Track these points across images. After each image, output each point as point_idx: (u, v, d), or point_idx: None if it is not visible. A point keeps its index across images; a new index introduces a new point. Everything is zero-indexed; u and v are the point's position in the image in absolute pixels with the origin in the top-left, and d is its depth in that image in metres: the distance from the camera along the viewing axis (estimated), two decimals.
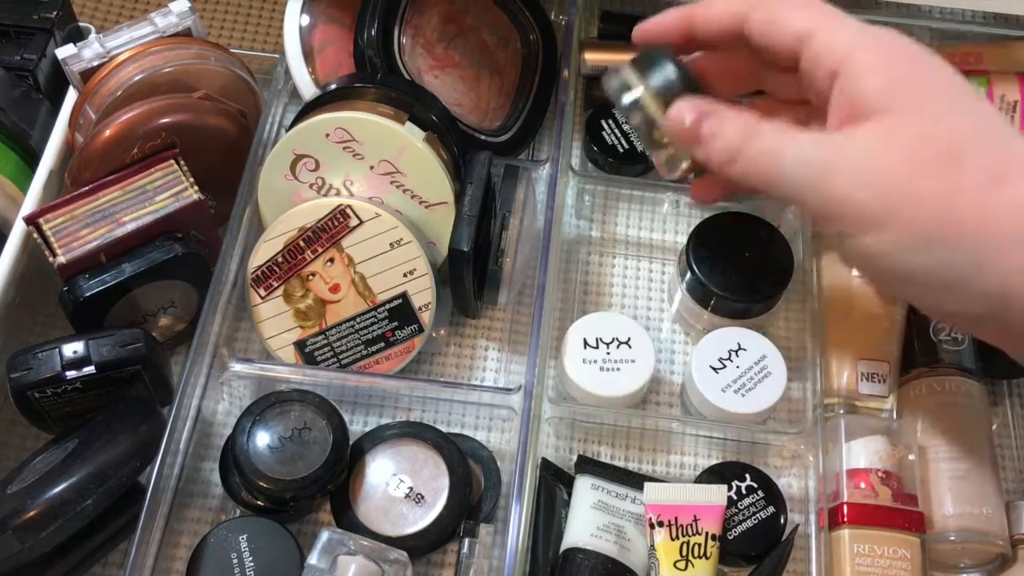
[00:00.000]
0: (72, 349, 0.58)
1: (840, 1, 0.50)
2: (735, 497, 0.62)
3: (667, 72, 0.52)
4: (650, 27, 0.54)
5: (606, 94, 0.55)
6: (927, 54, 0.47)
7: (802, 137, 0.47)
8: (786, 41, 0.49)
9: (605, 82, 0.55)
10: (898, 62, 0.46)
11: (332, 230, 0.64)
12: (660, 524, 0.60)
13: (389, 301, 0.65)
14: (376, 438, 0.64)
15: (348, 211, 0.63)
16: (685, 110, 0.50)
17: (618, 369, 0.64)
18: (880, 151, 0.44)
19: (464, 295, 0.66)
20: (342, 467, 0.61)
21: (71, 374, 0.57)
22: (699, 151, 0.50)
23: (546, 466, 0.64)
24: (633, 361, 0.65)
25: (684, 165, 0.54)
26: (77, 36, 0.71)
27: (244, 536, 0.59)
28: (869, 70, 0.46)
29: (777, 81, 0.55)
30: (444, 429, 0.65)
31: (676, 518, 0.60)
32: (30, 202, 0.64)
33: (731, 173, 0.48)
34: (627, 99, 0.53)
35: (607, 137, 0.74)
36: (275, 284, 0.65)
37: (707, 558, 0.59)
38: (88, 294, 0.60)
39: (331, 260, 0.64)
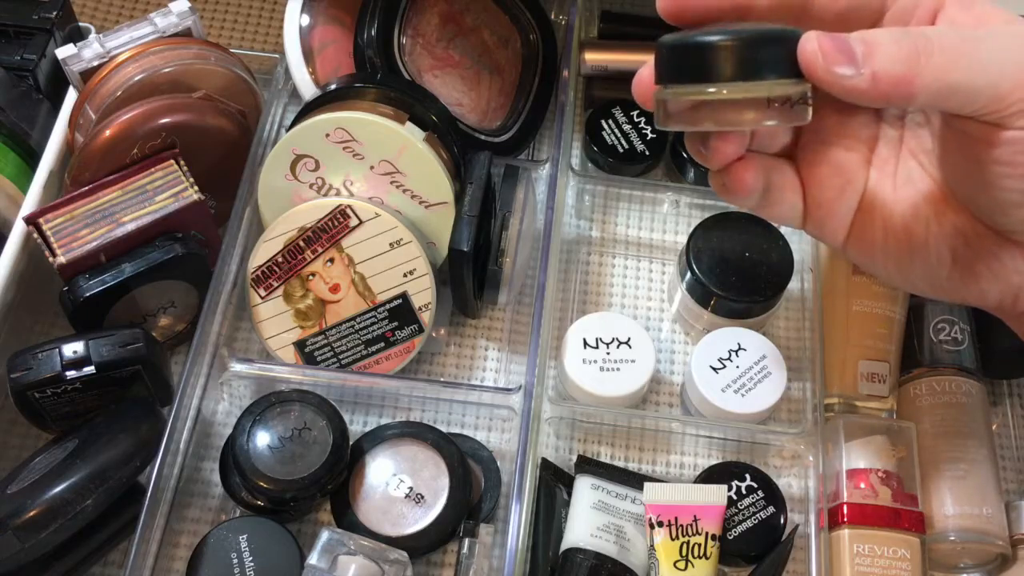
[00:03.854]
0: (72, 349, 0.58)
1: None
2: (735, 497, 0.62)
3: None
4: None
5: None
6: None
7: (976, 30, 0.41)
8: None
9: None
10: None
11: (332, 230, 0.64)
12: (660, 524, 0.60)
13: (389, 301, 0.65)
14: (376, 438, 0.64)
15: (348, 211, 0.63)
16: (821, 40, 0.40)
17: (618, 369, 0.64)
18: None
19: (464, 295, 0.66)
20: (342, 467, 0.61)
21: (71, 374, 0.57)
22: (844, 78, 0.40)
23: (546, 466, 0.64)
24: (633, 361, 0.65)
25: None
26: (77, 36, 0.71)
27: (244, 536, 0.59)
28: None
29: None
30: (444, 429, 0.65)
31: (676, 518, 0.60)
32: (30, 202, 0.64)
33: (903, 91, 0.40)
34: None
35: (607, 137, 0.74)
36: (275, 284, 0.65)
37: (707, 558, 0.59)
38: (88, 294, 0.60)
39: (331, 260, 0.64)
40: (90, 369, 0.58)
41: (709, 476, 0.64)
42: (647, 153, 0.74)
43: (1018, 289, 0.46)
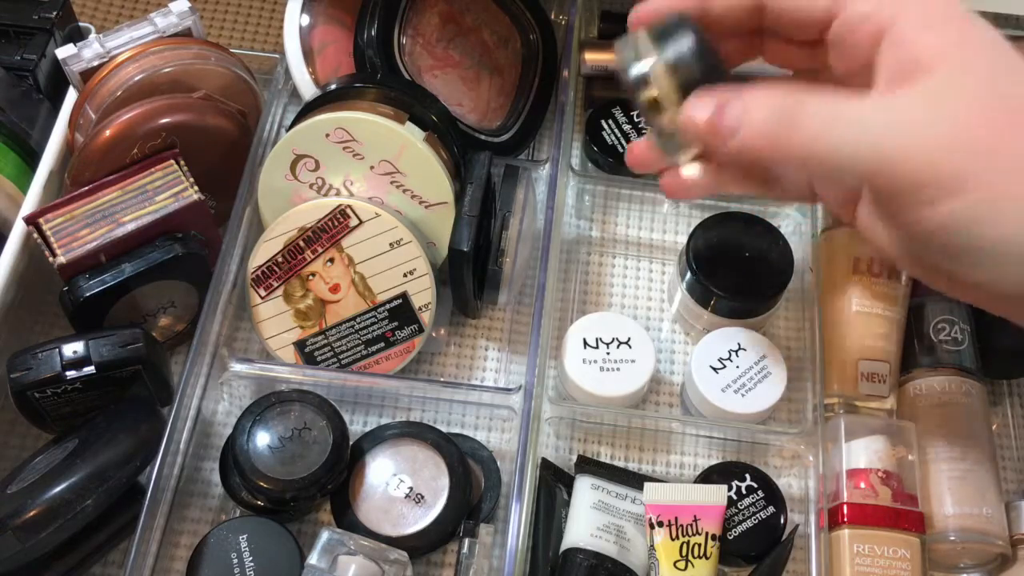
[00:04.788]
0: (72, 349, 0.58)
1: None
2: (735, 497, 0.62)
3: (686, 44, 0.45)
4: (655, 3, 0.47)
5: (617, 63, 0.47)
6: (974, 15, 0.42)
7: (853, 105, 0.42)
8: (817, 8, 0.44)
9: (617, 48, 0.47)
10: (951, 18, 0.41)
11: (332, 230, 0.64)
12: (660, 524, 0.60)
13: (389, 301, 0.65)
14: (376, 438, 0.64)
15: (348, 211, 0.63)
16: (698, 108, 0.44)
17: (618, 369, 0.64)
18: (952, 109, 0.40)
19: (464, 295, 0.66)
20: (342, 467, 0.61)
21: (71, 374, 0.57)
22: (722, 146, 0.44)
23: (546, 466, 0.64)
24: (633, 361, 0.65)
25: (690, 154, 0.48)
26: (77, 36, 0.71)
27: (244, 536, 0.59)
28: (924, 26, 0.41)
29: (780, 50, 0.50)
30: (444, 429, 0.65)
31: (676, 518, 0.60)
32: (30, 202, 0.64)
33: (769, 160, 0.44)
34: (635, 71, 0.46)
35: (607, 137, 0.74)
36: (275, 284, 0.65)
37: (707, 558, 0.59)
38: (88, 294, 0.60)
39: (331, 260, 0.64)
40: (90, 369, 0.58)
41: (709, 476, 0.64)
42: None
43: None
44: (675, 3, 0.47)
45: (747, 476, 0.63)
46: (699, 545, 0.59)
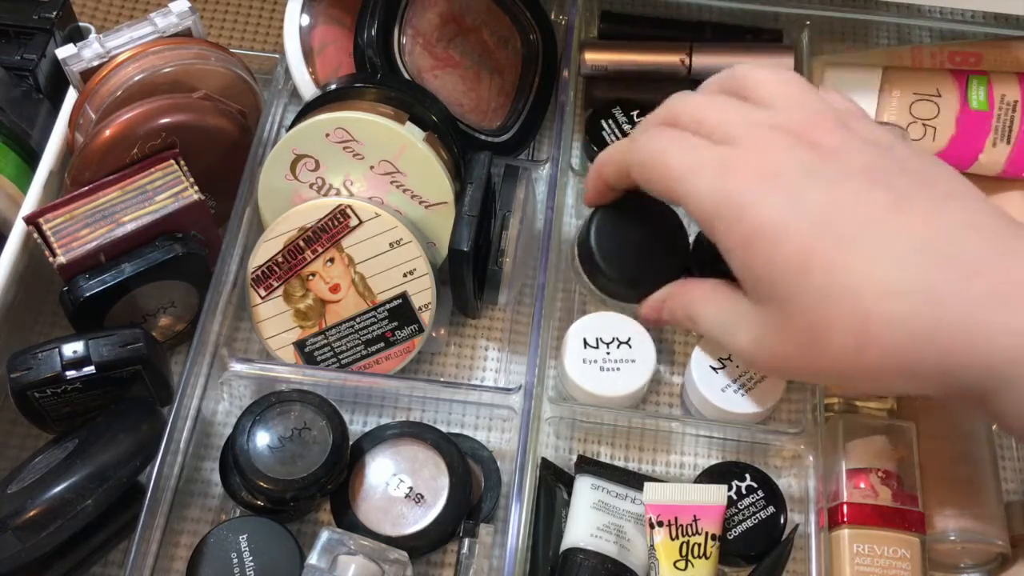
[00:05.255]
0: (72, 349, 0.58)
1: (841, 1, 0.50)
2: (735, 497, 0.62)
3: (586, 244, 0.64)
4: (590, 197, 0.63)
5: None
6: (780, 217, 0.48)
7: (720, 305, 0.55)
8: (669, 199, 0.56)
9: None
10: (751, 245, 0.50)
11: (332, 230, 0.64)
12: (660, 524, 0.60)
13: (389, 301, 0.65)
14: (376, 438, 0.64)
15: (348, 211, 0.63)
16: (645, 309, 0.62)
17: (618, 369, 0.64)
18: (760, 332, 0.52)
19: (464, 295, 0.66)
20: (342, 467, 0.61)
21: (71, 374, 0.57)
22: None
23: (546, 466, 0.64)
24: (633, 361, 0.65)
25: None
26: (77, 36, 0.71)
27: (244, 536, 0.59)
28: (730, 251, 0.51)
29: None
30: (444, 429, 0.65)
31: (676, 518, 0.60)
32: (30, 202, 0.64)
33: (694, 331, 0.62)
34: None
35: (607, 137, 0.74)
36: (275, 284, 0.65)
37: (707, 558, 0.59)
38: (88, 294, 0.60)
39: (331, 260, 0.64)
40: (90, 369, 0.58)
41: (709, 476, 0.64)
42: None
43: None
44: (596, 191, 0.62)
45: (747, 476, 0.63)
46: (699, 545, 0.59)
